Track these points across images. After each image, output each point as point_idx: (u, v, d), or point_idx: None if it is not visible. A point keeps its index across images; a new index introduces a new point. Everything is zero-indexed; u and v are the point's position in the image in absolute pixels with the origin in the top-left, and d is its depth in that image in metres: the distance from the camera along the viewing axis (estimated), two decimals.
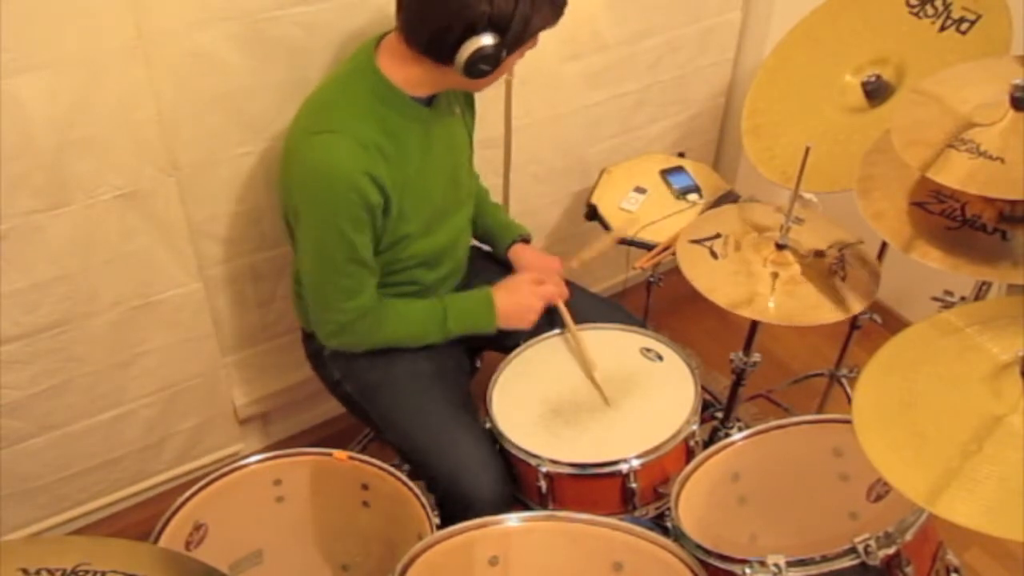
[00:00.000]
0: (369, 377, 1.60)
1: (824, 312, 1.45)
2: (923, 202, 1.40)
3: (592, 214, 1.95)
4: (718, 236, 1.58)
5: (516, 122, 1.96)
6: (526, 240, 1.77)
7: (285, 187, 1.46)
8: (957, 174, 1.25)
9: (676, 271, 1.55)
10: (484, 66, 1.33)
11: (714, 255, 1.55)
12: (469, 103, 1.63)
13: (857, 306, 1.46)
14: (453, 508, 1.42)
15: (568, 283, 1.69)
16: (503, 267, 1.77)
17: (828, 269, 1.52)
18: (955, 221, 1.36)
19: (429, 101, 1.47)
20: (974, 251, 1.32)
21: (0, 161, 1.37)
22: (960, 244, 1.33)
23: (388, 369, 1.58)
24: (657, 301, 2.04)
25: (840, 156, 1.65)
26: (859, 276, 1.51)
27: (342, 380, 1.63)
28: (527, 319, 1.60)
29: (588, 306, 1.71)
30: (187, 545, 1.39)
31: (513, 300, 1.60)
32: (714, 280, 1.50)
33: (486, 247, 1.81)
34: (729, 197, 1.94)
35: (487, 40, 1.30)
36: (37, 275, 1.51)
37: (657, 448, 1.44)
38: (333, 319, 1.49)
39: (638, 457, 1.43)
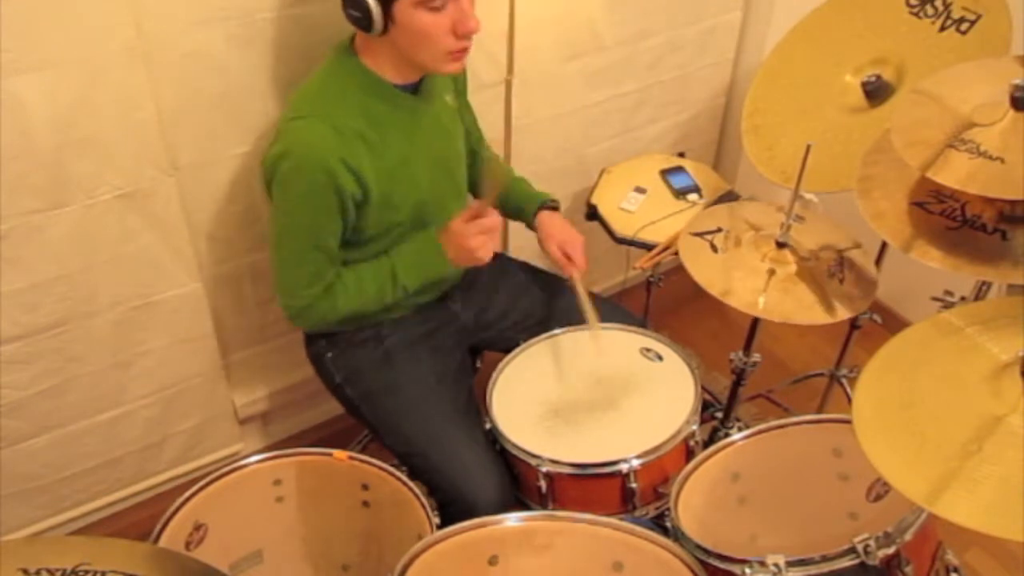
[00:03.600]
0: (371, 382, 1.59)
1: (819, 312, 1.45)
2: (923, 202, 1.40)
3: (592, 214, 1.95)
4: (719, 230, 1.58)
5: (516, 122, 1.96)
6: (553, 207, 1.73)
7: (262, 171, 1.43)
8: (957, 174, 1.25)
9: (676, 271, 1.55)
10: (353, 11, 1.32)
11: (714, 249, 1.55)
12: (460, 91, 1.62)
13: (852, 310, 1.46)
14: (454, 513, 1.42)
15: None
16: (506, 261, 1.76)
17: (826, 270, 1.52)
18: (955, 221, 1.36)
19: (416, 89, 1.47)
20: (974, 251, 1.32)
21: (0, 161, 1.38)
22: (960, 244, 1.33)
23: (390, 374, 1.58)
24: (657, 301, 2.04)
25: (840, 156, 1.65)
26: (857, 279, 1.51)
27: (343, 383, 1.62)
28: (472, 254, 1.47)
29: None
30: (187, 545, 1.39)
31: (451, 239, 1.50)
32: (712, 272, 1.50)
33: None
34: (729, 197, 1.94)
35: None
36: (37, 275, 1.51)
37: (657, 448, 1.44)
38: (293, 304, 1.50)
39: (638, 457, 1.43)
